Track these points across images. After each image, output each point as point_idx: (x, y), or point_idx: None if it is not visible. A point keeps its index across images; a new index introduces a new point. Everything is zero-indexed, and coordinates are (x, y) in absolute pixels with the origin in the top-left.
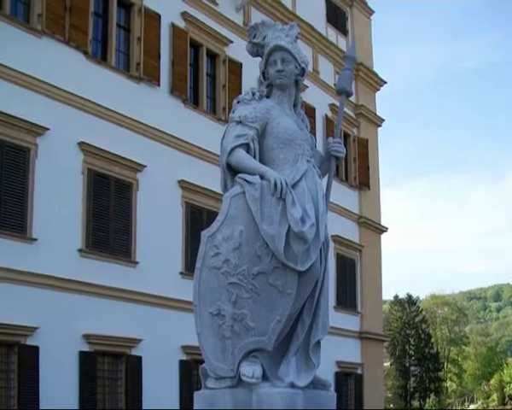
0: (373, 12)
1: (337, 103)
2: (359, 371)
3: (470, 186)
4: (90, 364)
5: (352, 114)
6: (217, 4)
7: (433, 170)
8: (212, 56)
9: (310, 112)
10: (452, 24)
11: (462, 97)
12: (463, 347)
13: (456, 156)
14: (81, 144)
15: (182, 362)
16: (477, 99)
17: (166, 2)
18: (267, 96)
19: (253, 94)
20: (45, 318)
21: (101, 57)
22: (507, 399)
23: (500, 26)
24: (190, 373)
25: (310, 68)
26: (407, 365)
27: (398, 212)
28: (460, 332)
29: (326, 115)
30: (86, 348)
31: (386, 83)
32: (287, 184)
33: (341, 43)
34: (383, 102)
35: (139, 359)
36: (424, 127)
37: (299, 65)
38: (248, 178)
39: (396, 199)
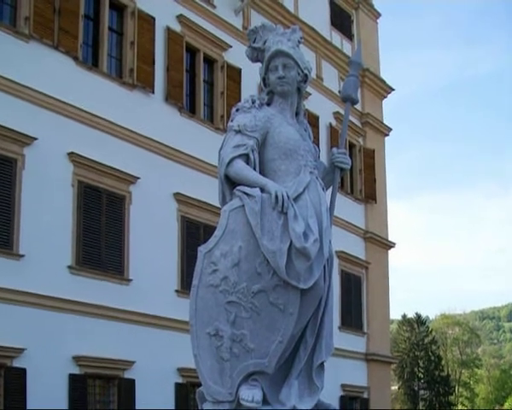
0: (380, 15)
1: (342, 111)
2: (365, 395)
3: (482, 200)
4: (81, 387)
5: (358, 123)
6: (214, 7)
7: (443, 183)
8: (210, 62)
9: (313, 121)
10: (463, 27)
11: (473, 105)
12: (475, 369)
13: (467, 168)
14: (71, 155)
15: (177, 385)
16: (489, 107)
17: (161, 4)
18: (268, 104)
19: (253, 102)
20: (33, 338)
21: (92, 63)
22: None
23: None
24: (187, 397)
25: (313, 74)
26: (416, 388)
27: (407, 227)
28: (472, 354)
29: (330, 124)
30: (76, 371)
31: (393, 90)
32: (288, 197)
33: (346, 47)
34: (390, 111)
35: (132, 382)
36: (433, 137)
37: (302, 71)
38: (248, 190)
39: (404, 213)
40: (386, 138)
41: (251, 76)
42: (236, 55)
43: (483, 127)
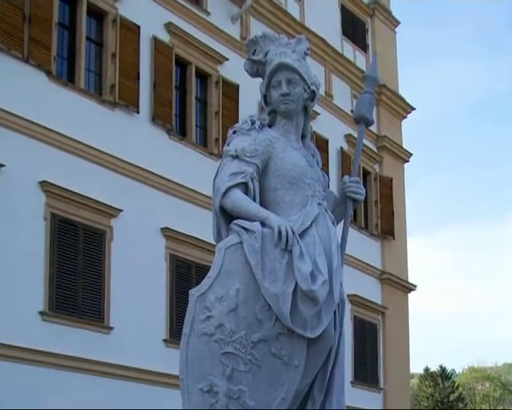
0: (398, 23)
1: (355, 134)
2: None
3: None
4: None
5: (373, 148)
6: (208, 14)
7: (470, 215)
8: (203, 77)
9: (322, 144)
10: (493, 38)
11: (505, 125)
12: None
13: (498, 198)
14: (43, 184)
15: None
16: None
17: (147, 11)
18: (269, 126)
19: (253, 123)
20: (0, 394)
21: (67, 78)
22: None
23: None
24: None
25: (321, 91)
26: None
27: (429, 267)
28: None
29: (341, 148)
30: None
31: (414, 109)
32: (293, 233)
33: (360, 60)
34: (410, 133)
35: None
36: (459, 162)
37: (309, 87)
38: (247, 225)
39: (426, 251)
40: (406, 165)
41: (250, 93)
42: (233, 69)
43: None
